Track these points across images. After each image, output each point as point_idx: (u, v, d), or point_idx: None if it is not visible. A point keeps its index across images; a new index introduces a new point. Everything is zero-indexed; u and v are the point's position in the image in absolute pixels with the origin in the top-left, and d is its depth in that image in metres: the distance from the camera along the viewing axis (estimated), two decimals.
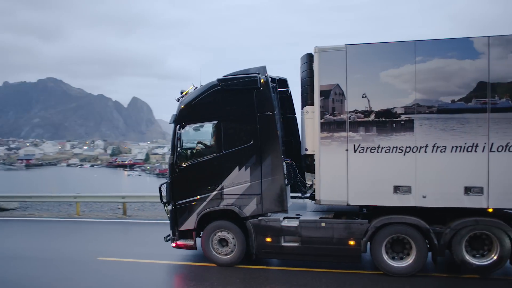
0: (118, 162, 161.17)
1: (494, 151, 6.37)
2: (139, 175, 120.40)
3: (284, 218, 7.45)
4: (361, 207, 7.50)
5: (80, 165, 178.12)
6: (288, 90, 8.82)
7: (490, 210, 6.53)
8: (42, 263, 8.46)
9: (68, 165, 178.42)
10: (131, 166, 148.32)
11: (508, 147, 6.32)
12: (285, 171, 7.78)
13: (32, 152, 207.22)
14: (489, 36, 6.36)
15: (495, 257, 6.55)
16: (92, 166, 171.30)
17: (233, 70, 7.80)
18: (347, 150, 6.94)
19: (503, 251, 6.48)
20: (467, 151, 6.46)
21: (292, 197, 8.68)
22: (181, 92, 8.24)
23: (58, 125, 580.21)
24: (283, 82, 8.76)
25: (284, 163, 7.76)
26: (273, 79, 8.56)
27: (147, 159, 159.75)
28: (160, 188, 8.15)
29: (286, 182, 7.81)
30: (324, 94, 7.01)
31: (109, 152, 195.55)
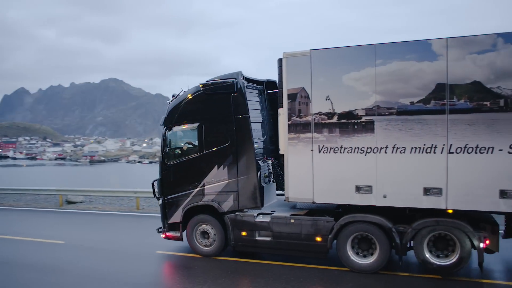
0: None
1: (452, 153, 6.45)
2: None
3: (259, 214, 8.01)
4: (339, 205, 7.83)
5: (139, 161, 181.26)
6: (277, 92, 9.30)
7: (450, 211, 6.61)
8: (106, 254, 9.28)
9: (128, 162, 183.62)
10: None
11: (466, 149, 6.37)
12: (270, 170, 8.33)
13: (96, 149, 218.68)
14: (447, 38, 6.43)
15: (455, 258, 6.64)
16: (150, 162, 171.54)
17: None
18: (312, 150, 7.35)
19: (463, 252, 6.54)
20: (426, 152, 6.60)
21: (278, 194, 9.20)
22: (173, 96, 9.06)
23: (119, 123, 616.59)
24: (272, 84, 9.27)
25: (270, 162, 8.35)
26: (260, 82, 9.13)
27: None
28: (153, 184, 9.05)
29: (268, 180, 8.35)
30: (291, 97, 7.47)
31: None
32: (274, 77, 8.35)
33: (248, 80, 8.66)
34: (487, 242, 6.48)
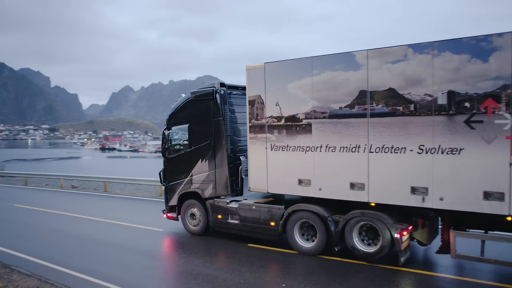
0: None
1: (372, 152, 7.39)
2: None
3: (231, 201, 9.66)
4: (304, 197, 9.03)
5: None
6: None
7: (373, 204, 7.53)
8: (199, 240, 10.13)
9: None
10: None
11: (383, 149, 7.26)
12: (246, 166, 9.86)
13: None
14: (367, 50, 7.35)
15: (377, 247, 7.54)
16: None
17: None
18: (266, 148, 8.78)
19: (383, 242, 7.43)
20: (352, 152, 7.62)
21: None
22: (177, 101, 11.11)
23: None
24: None
25: (243, 157, 9.95)
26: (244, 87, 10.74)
27: None
28: (159, 174, 11.25)
29: (247, 173, 9.93)
30: (251, 103, 8.97)
31: None
32: None
33: (233, 87, 10.31)
34: (404, 233, 7.27)
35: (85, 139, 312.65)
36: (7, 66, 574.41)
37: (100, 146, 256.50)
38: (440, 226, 7.93)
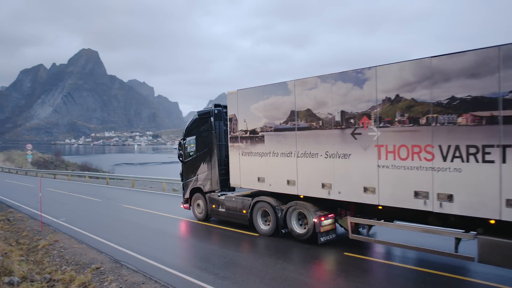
0: None
1: (299, 157, 10.06)
2: None
3: (222, 194, 12.90)
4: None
5: None
6: None
7: (301, 196, 10.16)
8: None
9: None
10: None
11: (305, 154, 9.89)
12: None
13: None
14: (295, 80, 10.06)
15: (305, 229, 10.14)
16: None
17: None
18: (239, 154, 11.88)
19: (309, 225, 10.01)
20: (287, 156, 10.36)
21: None
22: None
23: None
24: None
25: None
26: None
27: None
28: (180, 174, 14.95)
29: None
30: (230, 120, 12.15)
31: None
32: None
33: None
34: (322, 219, 9.78)
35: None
36: (118, 78, 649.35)
37: None
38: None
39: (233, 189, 13.20)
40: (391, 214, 8.93)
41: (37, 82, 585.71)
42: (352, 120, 8.87)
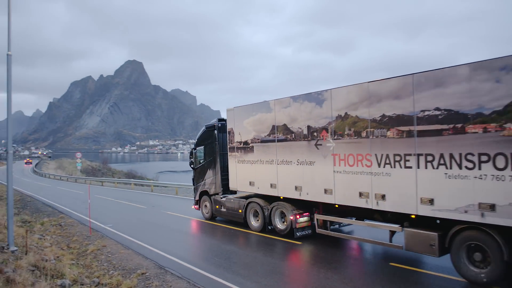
0: None
1: (279, 164, 12.11)
2: None
3: (223, 196, 15.13)
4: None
5: None
6: None
7: (281, 197, 12.18)
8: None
9: None
10: None
11: (283, 162, 11.93)
12: None
13: None
14: (275, 100, 12.15)
15: (285, 225, 12.13)
16: None
17: None
18: (236, 162, 14.09)
19: (287, 222, 12.01)
20: (270, 164, 12.44)
21: None
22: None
23: None
24: None
25: None
26: None
27: None
28: (192, 179, 17.36)
29: None
30: (229, 133, 14.41)
31: None
32: None
33: None
34: (298, 217, 11.73)
35: None
36: (161, 88, 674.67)
37: None
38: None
39: (234, 192, 15.40)
40: (348, 212, 10.76)
41: (86, 93, 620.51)
42: (315, 133, 10.84)
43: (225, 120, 15.64)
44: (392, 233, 9.48)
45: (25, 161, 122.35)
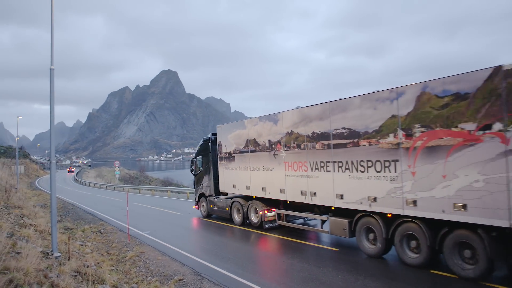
0: None
1: (251, 170, 15.43)
2: None
3: (215, 197, 18.58)
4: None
5: None
6: None
7: (254, 196, 15.47)
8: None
9: None
10: None
11: (254, 168, 15.23)
12: None
13: None
14: (248, 119, 15.51)
15: (258, 219, 15.40)
16: None
17: None
18: (223, 168, 17.53)
19: (259, 217, 15.27)
20: (246, 170, 15.78)
21: None
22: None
23: None
24: None
25: None
26: None
27: None
28: (194, 183, 20.93)
29: None
30: (218, 145, 17.90)
31: None
32: None
33: None
34: (266, 212, 14.96)
35: None
36: (196, 96, 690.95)
37: None
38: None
39: (225, 194, 18.77)
40: (298, 207, 13.90)
41: (123, 103, 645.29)
42: (273, 146, 14.10)
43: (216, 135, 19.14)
44: (323, 221, 12.58)
45: (68, 169, 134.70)
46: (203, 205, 19.87)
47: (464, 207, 8.06)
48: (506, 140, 7.35)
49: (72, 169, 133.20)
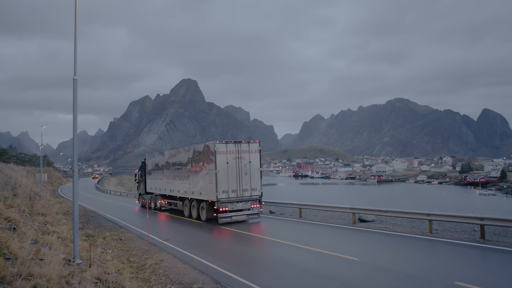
0: (468, 179, 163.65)
1: (157, 180, 29.53)
2: (494, 195, 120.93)
3: (145, 195, 32.76)
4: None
5: (427, 182, 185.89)
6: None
7: (157, 193, 29.60)
8: (400, 276, 9.92)
9: (416, 182, 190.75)
10: (484, 185, 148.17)
11: (160, 179, 29.33)
12: None
13: (383, 168, 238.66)
14: (167, 150, 29.68)
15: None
16: (440, 183, 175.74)
17: None
18: (149, 178, 31.82)
19: (158, 205, 29.29)
20: (156, 179, 29.92)
21: None
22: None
23: (406, 142, 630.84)
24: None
25: None
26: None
27: (503, 176, 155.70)
28: (137, 187, 35.31)
29: None
30: (147, 165, 32.20)
31: (458, 169, 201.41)
32: None
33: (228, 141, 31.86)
34: (161, 202, 29.23)
35: (280, 167, 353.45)
36: (215, 105, 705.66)
37: (294, 173, 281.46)
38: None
39: (151, 193, 32.43)
40: (172, 198, 27.72)
41: (143, 112, 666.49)
42: (163, 167, 28.13)
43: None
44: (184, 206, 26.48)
45: (92, 176, 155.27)
46: (140, 200, 34.12)
47: (201, 193, 21.98)
48: (205, 168, 21.50)
49: (96, 175, 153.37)
